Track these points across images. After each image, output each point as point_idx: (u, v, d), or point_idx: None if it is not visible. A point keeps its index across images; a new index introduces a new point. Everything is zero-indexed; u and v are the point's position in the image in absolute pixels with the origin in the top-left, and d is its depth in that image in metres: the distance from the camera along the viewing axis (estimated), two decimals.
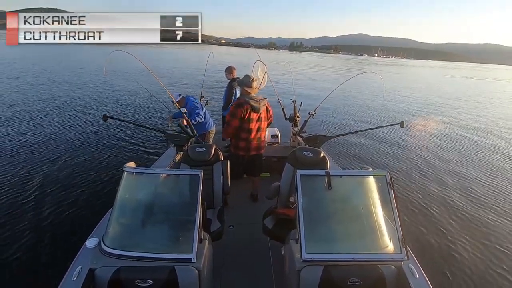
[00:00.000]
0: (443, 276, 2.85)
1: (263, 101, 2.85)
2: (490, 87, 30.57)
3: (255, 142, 2.91)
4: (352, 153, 6.34)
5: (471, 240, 3.45)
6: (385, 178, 1.69)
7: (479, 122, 10.78)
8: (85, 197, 3.88)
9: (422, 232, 3.55)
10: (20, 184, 4.07)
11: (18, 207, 3.55)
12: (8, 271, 2.64)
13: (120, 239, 1.63)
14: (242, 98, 2.85)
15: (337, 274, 1.49)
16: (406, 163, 5.91)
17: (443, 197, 4.51)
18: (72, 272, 1.46)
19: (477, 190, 4.83)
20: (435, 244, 3.34)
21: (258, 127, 2.88)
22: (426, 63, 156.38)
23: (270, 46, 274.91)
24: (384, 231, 1.64)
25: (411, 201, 4.29)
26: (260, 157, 3.07)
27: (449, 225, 3.73)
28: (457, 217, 3.94)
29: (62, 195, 3.88)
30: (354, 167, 5.58)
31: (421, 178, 5.20)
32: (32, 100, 9.45)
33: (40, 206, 3.60)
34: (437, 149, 7.05)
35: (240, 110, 2.76)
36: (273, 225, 2.25)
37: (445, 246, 3.32)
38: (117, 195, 1.71)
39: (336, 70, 37.64)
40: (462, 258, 3.12)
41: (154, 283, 1.46)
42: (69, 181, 4.25)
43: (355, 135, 6.99)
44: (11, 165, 4.63)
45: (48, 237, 3.09)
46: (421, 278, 1.52)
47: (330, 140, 3.75)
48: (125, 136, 6.35)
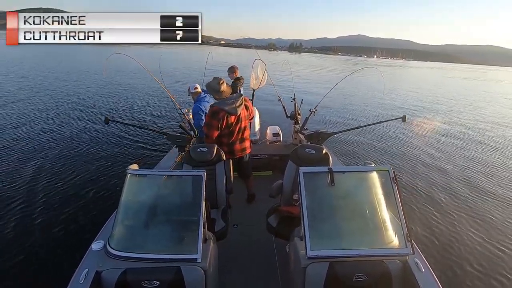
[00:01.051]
0: (449, 270, 2.84)
1: (239, 100, 2.65)
2: (491, 88, 30.36)
3: (237, 145, 2.78)
4: (354, 149, 6.32)
5: (476, 234, 3.44)
6: (388, 173, 1.68)
7: (481, 118, 10.75)
8: (89, 200, 3.89)
9: (427, 226, 3.54)
10: (24, 188, 4.10)
11: (23, 211, 3.57)
12: (14, 274, 2.66)
13: (126, 241, 1.64)
14: (215, 106, 2.60)
15: (343, 270, 1.49)
16: (409, 158, 5.89)
17: (447, 190, 4.49)
18: (78, 275, 1.47)
19: (482, 184, 4.81)
20: (440, 238, 3.33)
21: (238, 129, 2.73)
22: (425, 64, 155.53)
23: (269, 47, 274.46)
24: (389, 226, 1.64)
25: (415, 196, 4.27)
26: (245, 158, 2.93)
27: (454, 219, 3.71)
28: (462, 211, 3.92)
29: (66, 198, 3.90)
30: (356, 163, 5.56)
31: (424, 172, 5.18)
32: (34, 102, 9.47)
33: (44, 210, 3.62)
34: (440, 143, 7.01)
35: (216, 121, 2.58)
36: (277, 223, 2.25)
37: (450, 240, 3.30)
38: (121, 197, 1.72)
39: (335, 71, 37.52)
40: (468, 252, 3.11)
41: (160, 284, 1.46)
42: (73, 185, 4.27)
43: (357, 131, 6.98)
44: (15, 169, 4.66)
45: (54, 241, 3.11)
46: (427, 272, 1.52)
47: (332, 136, 3.74)
48: (127, 138, 6.37)
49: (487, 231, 3.50)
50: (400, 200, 1.62)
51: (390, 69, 57.16)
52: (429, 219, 3.70)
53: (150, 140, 6.30)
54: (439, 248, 3.16)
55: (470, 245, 3.23)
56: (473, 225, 3.60)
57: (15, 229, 3.25)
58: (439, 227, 3.53)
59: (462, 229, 3.50)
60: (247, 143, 2.88)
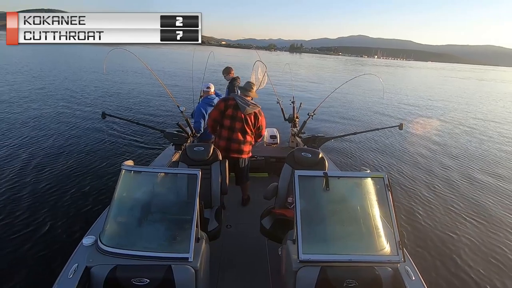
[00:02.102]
0: (440, 279, 2.85)
1: (253, 105, 2.76)
2: (492, 88, 30.68)
3: (236, 144, 2.77)
4: (350, 155, 6.35)
5: (468, 243, 3.46)
6: (383, 180, 1.69)
7: (477, 124, 10.82)
8: (82, 195, 3.86)
9: (419, 234, 3.56)
10: (17, 181, 4.06)
11: (15, 204, 3.54)
12: (3, 268, 2.62)
13: (117, 237, 1.63)
14: (231, 95, 2.86)
15: (334, 275, 1.49)
16: (404, 165, 5.93)
17: (440, 199, 4.52)
18: (68, 270, 1.46)
19: (475, 192, 4.85)
20: (431, 247, 3.35)
21: (241, 128, 2.75)
22: (426, 64, 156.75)
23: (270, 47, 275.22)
24: (381, 233, 1.65)
25: (409, 203, 4.30)
26: (243, 162, 2.90)
27: (446, 228, 3.74)
28: (455, 220, 3.95)
29: (59, 192, 3.87)
30: (352, 168, 5.59)
31: (419, 180, 5.21)
32: (31, 99, 9.44)
33: (36, 203, 3.59)
34: (435, 151, 7.07)
35: (223, 104, 2.75)
36: (271, 225, 2.25)
37: (442, 249, 3.32)
38: (115, 193, 1.71)
39: (336, 71, 37.74)
40: (459, 261, 3.13)
41: (150, 282, 1.45)
42: (66, 179, 4.24)
43: (354, 137, 7.01)
44: (8, 162, 4.61)
45: (44, 235, 3.07)
46: (417, 280, 1.53)
47: (328, 141, 3.76)
48: (124, 134, 6.34)
49: (480, 240, 3.52)
50: (393, 207, 1.63)
51: (390, 69, 57.63)
52: (422, 227, 3.72)
53: (147, 137, 6.28)
54: (431, 256, 3.18)
55: (461, 254, 3.25)
56: (465, 234, 3.63)
57: (4, 222, 3.21)
58: (431, 236, 3.55)
59: (454, 238, 3.53)
60: (246, 148, 2.85)
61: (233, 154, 2.81)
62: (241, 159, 2.87)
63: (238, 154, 2.82)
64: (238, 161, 2.86)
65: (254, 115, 2.80)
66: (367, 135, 7.43)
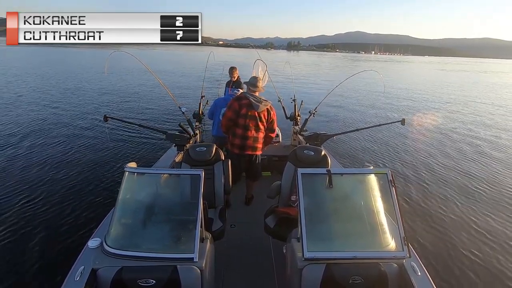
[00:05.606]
0: (446, 274, 2.84)
1: (265, 102, 2.82)
2: (491, 79, 30.39)
3: (251, 141, 2.83)
4: (353, 151, 6.32)
5: (473, 237, 3.44)
6: (387, 176, 1.68)
7: (478, 117, 10.72)
8: (86, 197, 3.88)
9: (424, 229, 3.54)
10: (22, 185, 4.09)
11: (20, 208, 3.56)
12: (10, 272, 2.65)
13: (122, 239, 1.64)
14: (242, 94, 2.88)
15: (339, 272, 1.49)
16: (408, 161, 5.90)
17: (444, 194, 4.49)
18: (74, 273, 1.47)
19: (479, 188, 4.81)
20: (437, 242, 3.33)
21: (255, 125, 2.82)
22: (423, 59, 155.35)
23: (268, 46, 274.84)
24: (386, 229, 1.64)
25: (413, 199, 4.28)
26: (257, 159, 2.98)
27: (451, 223, 3.72)
28: (459, 215, 3.92)
29: (63, 195, 3.89)
30: (355, 165, 5.57)
31: (423, 175, 5.18)
32: (32, 101, 9.47)
33: (41, 207, 3.61)
34: (439, 146, 7.02)
35: (237, 103, 2.77)
36: (275, 224, 2.25)
37: (447, 244, 3.30)
38: (119, 195, 1.72)
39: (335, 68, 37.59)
40: (464, 256, 3.11)
41: (156, 282, 1.46)
42: (70, 182, 4.26)
43: (356, 133, 6.97)
44: (12, 166, 4.65)
45: (50, 238, 3.10)
46: (423, 275, 1.52)
47: (331, 138, 3.75)
48: (126, 136, 6.36)
49: (485, 235, 3.50)
50: (397, 203, 1.62)
51: (387, 64, 57.23)
52: (426, 222, 3.70)
53: (149, 138, 6.29)
54: (436, 251, 3.16)
55: (467, 249, 3.23)
56: (470, 229, 3.60)
57: (11, 226, 3.24)
58: (436, 231, 3.53)
59: (459, 233, 3.50)
60: (259, 144, 2.92)
61: (248, 151, 2.87)
62: (255, 156, 2.94)
63: (252, 151, 2.88)
64: (252, 157, 2.93)
65: (267, 111, 2.86)
66: (370, 132, 7.39)
